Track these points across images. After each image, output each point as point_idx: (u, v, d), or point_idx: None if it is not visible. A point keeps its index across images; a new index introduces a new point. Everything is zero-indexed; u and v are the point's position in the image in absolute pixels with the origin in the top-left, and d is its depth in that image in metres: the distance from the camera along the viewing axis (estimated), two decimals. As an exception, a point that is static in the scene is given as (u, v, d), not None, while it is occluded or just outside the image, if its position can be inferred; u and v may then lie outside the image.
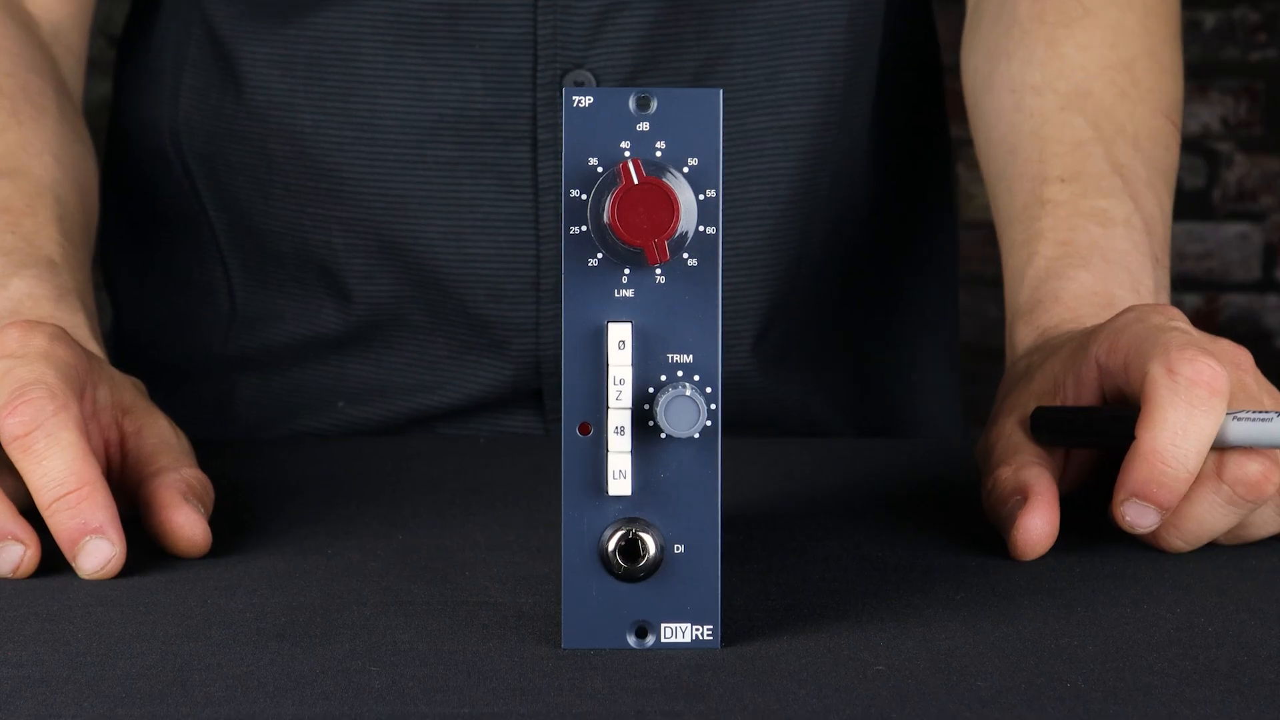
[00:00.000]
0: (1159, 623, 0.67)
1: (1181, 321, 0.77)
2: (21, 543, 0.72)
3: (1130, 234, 0.90)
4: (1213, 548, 0.77)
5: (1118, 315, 0.79)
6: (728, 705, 0.58)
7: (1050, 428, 0.79)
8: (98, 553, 0.72)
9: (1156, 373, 0.73)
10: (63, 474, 0.72)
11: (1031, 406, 0.80)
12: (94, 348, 0.85)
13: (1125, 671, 0.61)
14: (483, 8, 0.99)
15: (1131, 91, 0.96)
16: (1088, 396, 0.79)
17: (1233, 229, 2.98)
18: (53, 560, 0.73)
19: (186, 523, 0.75)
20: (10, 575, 0.72)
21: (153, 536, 0.76)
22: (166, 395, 1.09)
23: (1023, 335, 0.88)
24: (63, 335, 0.77)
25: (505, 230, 1.01)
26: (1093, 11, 0.97)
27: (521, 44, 0.99)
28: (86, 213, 0.95)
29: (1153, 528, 0.73)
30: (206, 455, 0.83)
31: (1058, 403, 0.80)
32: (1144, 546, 0.76)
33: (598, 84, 0.99)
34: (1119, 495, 0.73)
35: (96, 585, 0.71)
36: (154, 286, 1.11)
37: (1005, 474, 0.77)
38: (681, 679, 0.60)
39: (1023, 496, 0.75)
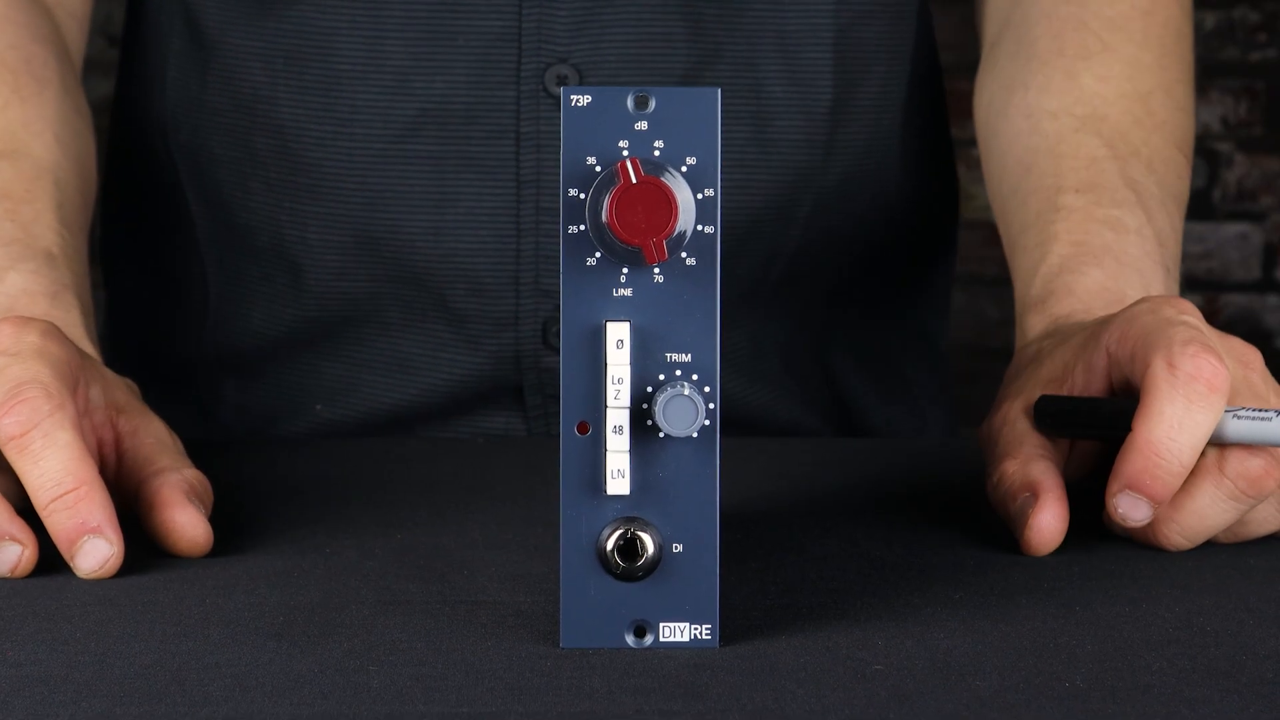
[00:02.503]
0: (1158, 622, 0.67)
1: (1192, 316, 0.77)
2: (19, 542, 0.72)
3: (1142, 242, 0.91)
4: (1212, 547, 0.77)
5: (1131, 305, 0.79)
6: (726, 704, 0.58)
7: (1054, 417, 0.79)
8: (96, 552, 0.72)
9: (1157, 366, 0.73)
10: (59, 474, 0.72)
11: (1037, 393, 0.80)
12: (88, 346, 0.85)
13: (1124, 670, 0.61)
14: (467, 1, 0.99)
15: (1147, 121, 0.97)
16: (1096, 385, 0.79)
17: (1233, 229, 2.98)
18: (51, 560, 0.72)
19: (189, 522, 0.75)
20: (8, 575, 0.72)
21: (153, 536, 0.76)
22: (156, 404, 1.09)
23: (1034, 322, 0.88)
24: (56, 332, 0.77)
25: (487, 224, 1.00)
26: (1111, 47, 0.98)
27: (506, 37, 0.99)
28: (85, 193, 0.95)
29: (1144, 521, 0.74)
30: (207, 456, 0.83)
31: (1065, 390, 0.80)
32: (1143, 545, 0.76)
33: (581, 80, 0.99)
34: (1112, 486, 0.73)
35: (95, 585, 0.71)
36: (144, 287, 1.11)
37: (1012, 468, 0.77)
38: (680, 678, 0.60)
39: (1032, 493, 0.75)
